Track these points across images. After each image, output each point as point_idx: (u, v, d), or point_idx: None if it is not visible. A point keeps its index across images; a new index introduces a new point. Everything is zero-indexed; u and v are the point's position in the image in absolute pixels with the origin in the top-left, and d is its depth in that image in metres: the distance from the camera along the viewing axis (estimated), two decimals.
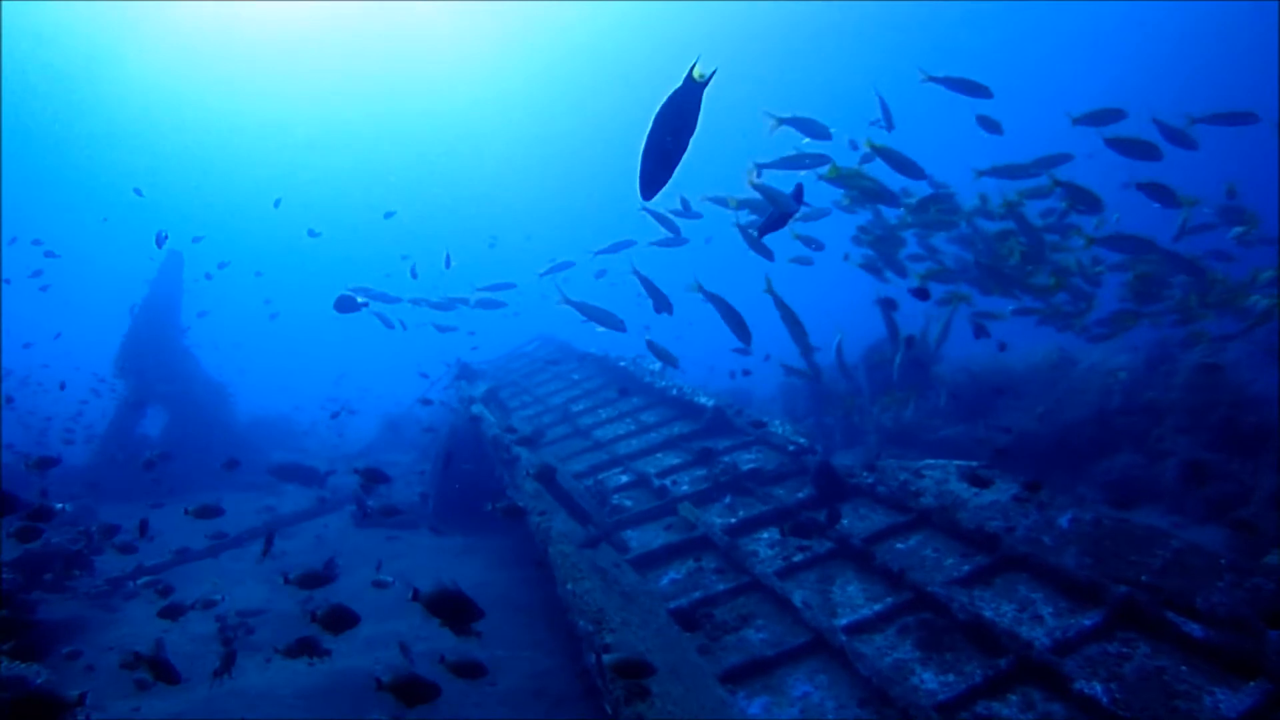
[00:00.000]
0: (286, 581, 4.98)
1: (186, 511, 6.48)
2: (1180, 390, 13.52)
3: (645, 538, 7.89)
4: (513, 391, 16.04)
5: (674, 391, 12.13)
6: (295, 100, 68.05)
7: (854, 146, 8.86)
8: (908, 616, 5.77)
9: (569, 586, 4.63)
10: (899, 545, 6.88)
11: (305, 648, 5.20)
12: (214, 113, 66.57)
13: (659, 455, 10.42)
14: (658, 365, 13.54)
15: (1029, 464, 13.26)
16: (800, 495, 8.14)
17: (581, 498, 7.73)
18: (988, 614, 5.54)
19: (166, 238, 11.71)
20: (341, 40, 62.40)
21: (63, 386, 16.58)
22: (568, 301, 7.41)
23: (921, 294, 8.55)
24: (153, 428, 18.42)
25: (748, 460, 9.33)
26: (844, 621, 5.73)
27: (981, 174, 9.21)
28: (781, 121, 7.98)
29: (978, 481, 7.26)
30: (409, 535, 10.75)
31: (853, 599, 6.17)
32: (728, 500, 8.44)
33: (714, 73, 3.00)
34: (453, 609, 4.19)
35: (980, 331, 9.63)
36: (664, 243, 10.34)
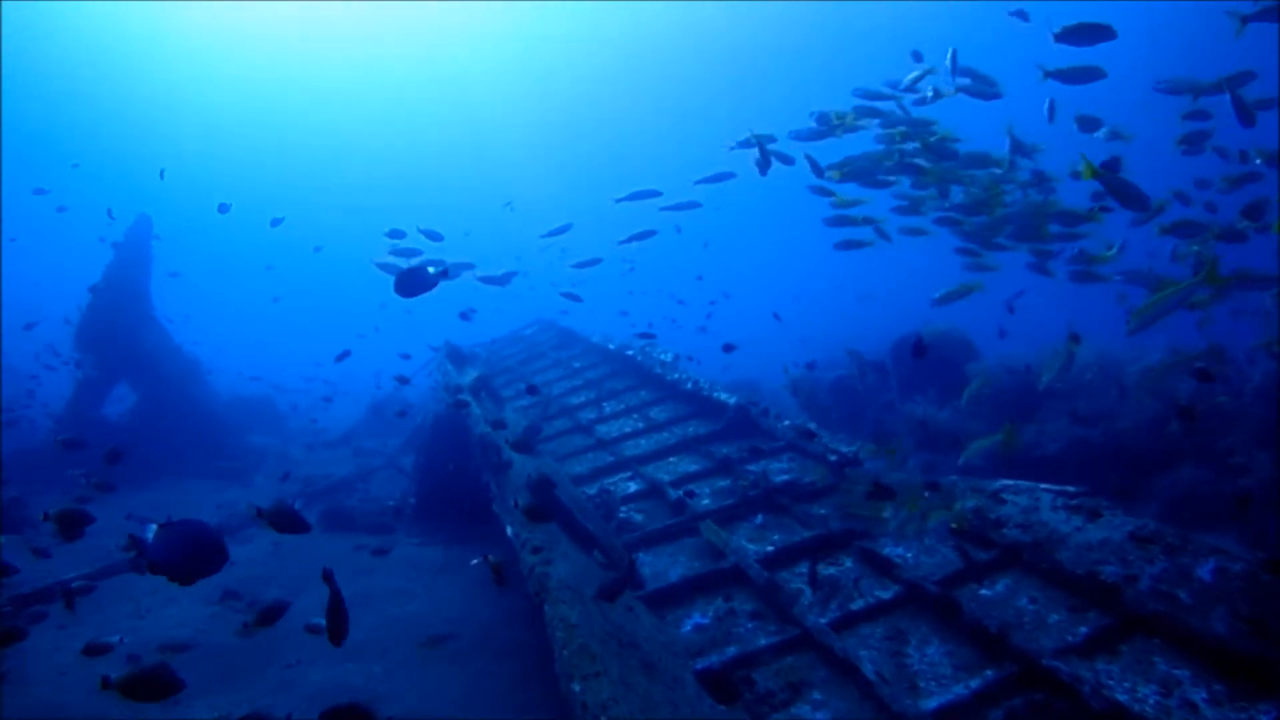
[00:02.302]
0: (105, 687, 3.52)
1: (46, 517, 5.08)
2: (1252, 397, 12.17)
3: (660, 564, 6.51)
4: (507, 379, 14.64)
5: (689, 385, 10.72)
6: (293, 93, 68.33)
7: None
8: (1015, 698, 4.38)
9: (575, 688, 3.25)
10: (984, 591, 5.48)
11: None
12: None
13: (672, 460, 9.03)
14: (669, 355, 12.15)
15: (1080, 475, 11.93)
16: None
17: (587, 516, 6.34)
18: (1122, 699, 4.17)
19: None
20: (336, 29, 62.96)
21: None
22: None
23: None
24: (115, 408, 16.97)
25: (780, 470, 7.93)
26: (933, 703, 4.34)
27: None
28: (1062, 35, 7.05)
29: (1080, 512, 5.87)
30: (381, 544, 9.32)
31: (936, 667, 4.77)
32: (759, 520, 7.04)
33: None
34: None
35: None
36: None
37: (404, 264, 9.83)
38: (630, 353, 12.90)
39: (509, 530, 5.45)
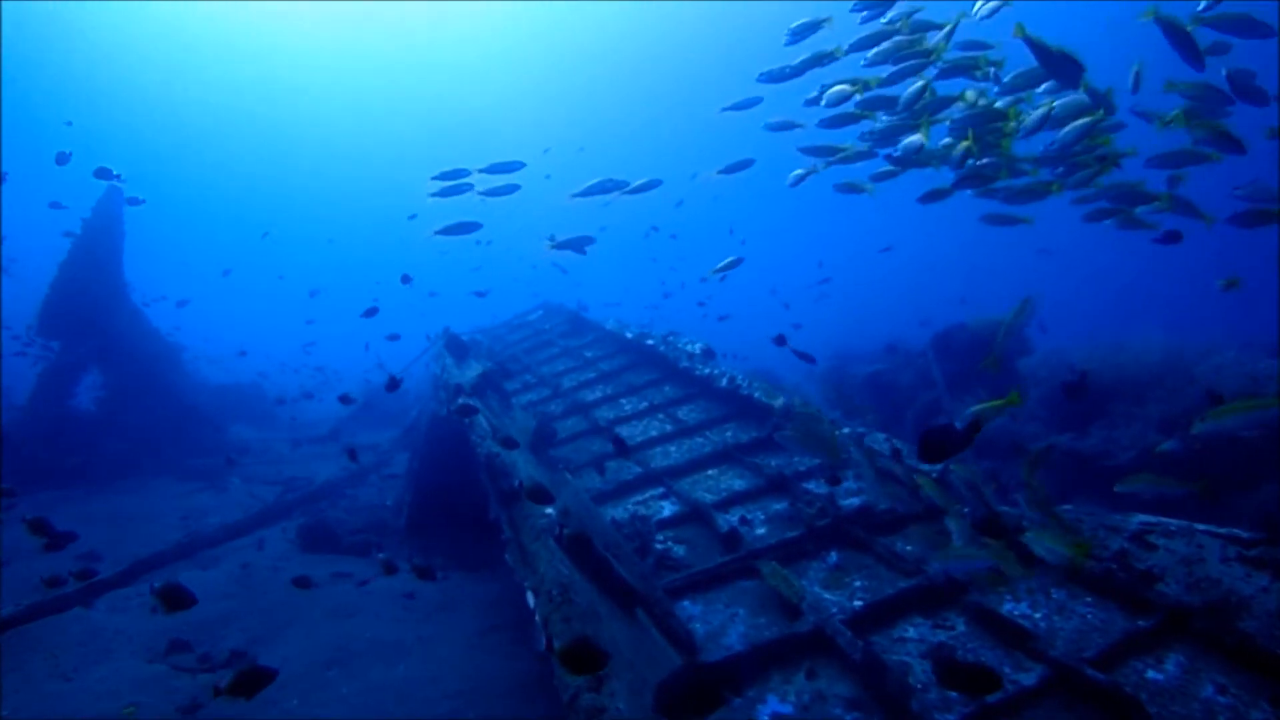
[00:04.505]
0: None
1: None
2: None
3: (715, 618, 5.19)
4: (512, 369, 13.29)
5: (724, 383, 9.38)
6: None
7: None
8: None
9: None
10: (1152, 674, 4.17)
11: None
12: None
13: (712, 473, 7.70)
14: (696, 346, 10.81)
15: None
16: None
17: (624, 559, 5.01)
18: None
19: None
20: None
21: None
22: None
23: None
24: (88, 398, 15.59)
25: (847, 490, 6.61)
26: None
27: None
28: None
29: (1258, 565, 4.57)
30: (364, 572, 7.93)
31: None
32: (833, 559, 5.72)
33: None
34: None
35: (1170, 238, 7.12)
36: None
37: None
38: (651, 342, 11.55)
39: (530, 600, 4.13)
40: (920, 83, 6.98)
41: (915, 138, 7.19)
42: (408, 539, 8.87)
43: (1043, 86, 7.20)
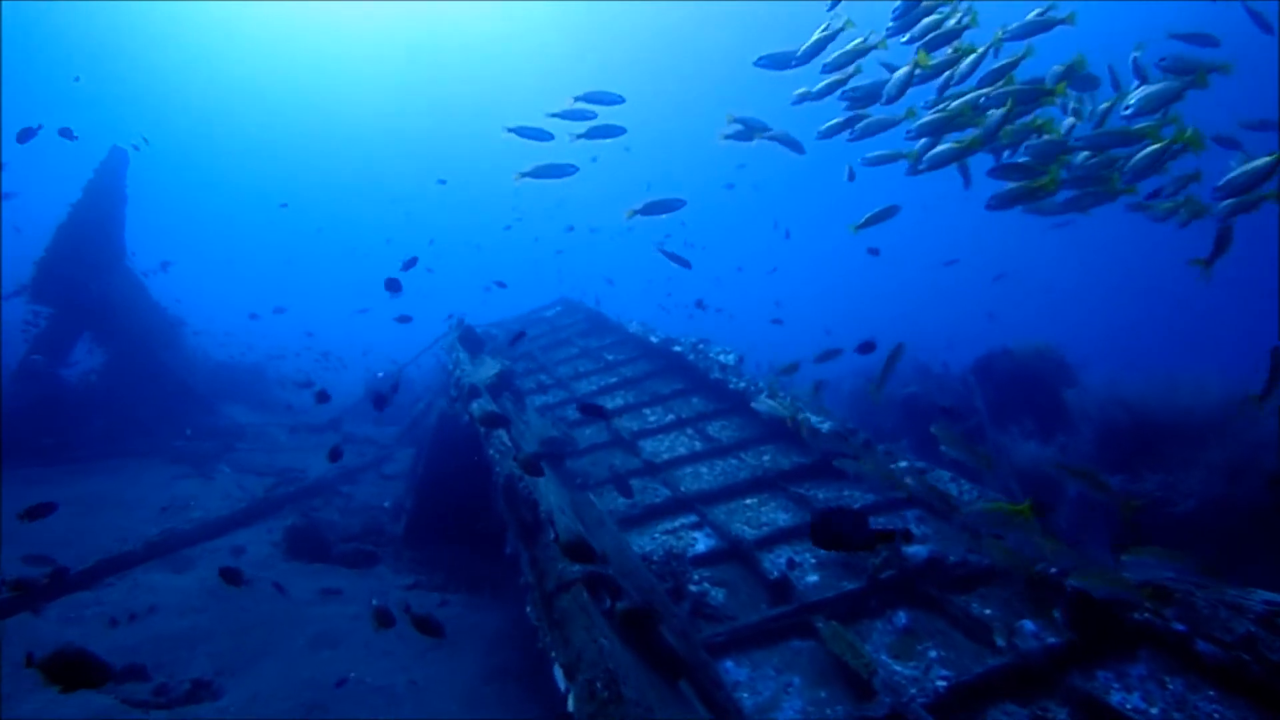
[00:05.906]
0: None
1: None
2: None
3: (765, 687, 4.39)
4: (527, 367, 12.52)
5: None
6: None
7: None
8: None
9: None
10: None
11: None
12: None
13: (750, 502, 6.89)
14: (731, 357, 10.00)
15: (1214, 542, 9.83)
16: (1036, 631, 4.60)
17: (663, 611, 4.21)
18: None
19: None
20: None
21: None
22: None
23: None
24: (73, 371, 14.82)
25: (912, 538, 5.79)
26: None
27: None
28: None
29: None
30: (355, 587, 7.12)
31: None
32: (902, 621, 4.90)
33: None
34: None
35: None
36: None
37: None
38: (678, 349, 10.75)
39: (559, 682, 3.32)
40: (1002, 110, 6.18)
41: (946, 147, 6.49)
42: (405, 549, 8.07)
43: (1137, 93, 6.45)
